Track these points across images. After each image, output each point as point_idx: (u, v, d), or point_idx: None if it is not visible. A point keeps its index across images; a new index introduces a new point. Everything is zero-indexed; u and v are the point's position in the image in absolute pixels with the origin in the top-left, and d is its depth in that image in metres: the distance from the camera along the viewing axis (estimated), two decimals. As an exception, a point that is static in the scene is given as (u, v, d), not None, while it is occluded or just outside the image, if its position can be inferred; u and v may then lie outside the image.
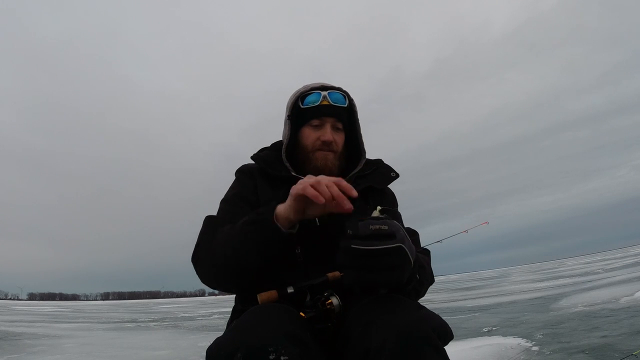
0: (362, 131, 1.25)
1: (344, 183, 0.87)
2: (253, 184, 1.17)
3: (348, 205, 0.84)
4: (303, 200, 0.88)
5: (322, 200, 0.84)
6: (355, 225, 0.80)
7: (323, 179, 0.87)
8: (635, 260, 23.61)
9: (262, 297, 0.93)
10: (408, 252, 0.82)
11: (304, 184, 0.87)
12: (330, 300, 0.91)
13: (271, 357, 0.70)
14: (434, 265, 1.14)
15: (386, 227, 0.80)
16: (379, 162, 1.27)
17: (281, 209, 0.93)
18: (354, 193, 0.86)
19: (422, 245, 1.19)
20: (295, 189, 0.88)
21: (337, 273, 0.98)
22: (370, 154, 1.27)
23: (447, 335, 0.81)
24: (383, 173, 1.23)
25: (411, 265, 0.84)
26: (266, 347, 0.71)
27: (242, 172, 1.23)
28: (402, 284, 0.87)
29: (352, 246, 0.79)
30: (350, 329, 0.84)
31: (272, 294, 0.93)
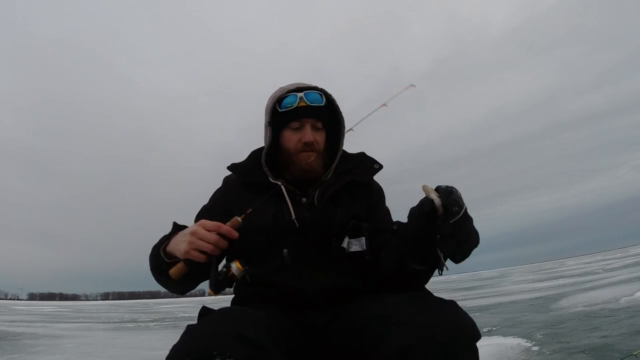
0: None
1: (223, 229, 0.97)
2: (232, 195, 1.21)
3: (225, 244, 0.98)
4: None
5: (204, 258, 0.97)
6: (452, 199, 0.87)
7: (198, 232, 0.97)
8: (635, 260, 23.59)
9: (172, 272, 1.01)
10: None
11: (187, 247, 0.98)
12: (231, 271, 0.98)
13: None
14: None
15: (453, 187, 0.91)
16: (361, 156, 1.27)
17: (172, 243, 1.05)
18: (234, 235, 0.98)
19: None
20: (180, 251, 1.00)
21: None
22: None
23: (477, 334, 0.82)
24: (366, 166, 1.23)
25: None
26: (211, 352, 0.72)
27: (223, 184, 1.27)
28: None
29: (452, 221, 0.84)
30: (383, 325, 0.83)
31: (179, 267, 1.00)
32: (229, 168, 1.24)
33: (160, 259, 1.07)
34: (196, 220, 1.22)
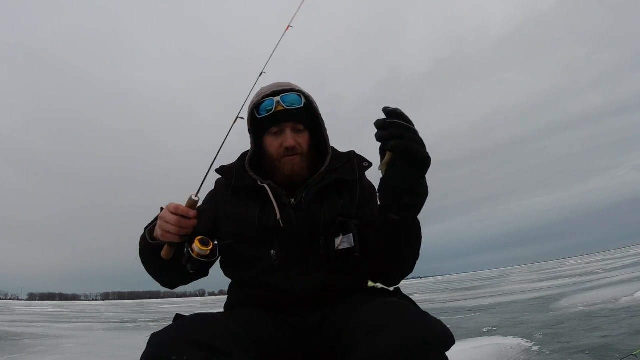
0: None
1: (180, 209, 0.98)
2: (221, 198, 1.22)
3: (189, 223, 0.99)
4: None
5: (176, 238, 0.98)
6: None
7: (164, 216, 0.99)
8: (635, 260, 23.58)
9: (162, 254, 1.03)
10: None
11: (159, 231, 1.01)
12: (194, 251, 0.99)
13: None
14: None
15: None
16: (350, 154, 1.26)
17: (156, 228, 1.05)
18: (191, 213, 0.99)
19: None
20: (158, 235, 1.03)
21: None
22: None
23: (449, 341, 0.82)
24: (354, 164, 1.22)
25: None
26: (169, 356, 0.75)
27: (215, 187, 1.27)
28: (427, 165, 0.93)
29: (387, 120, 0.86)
30: (354, 334, 0.84)
31: (165, 248, 1.03)
32: (217, 171, 1.23)
33: (146, 242, 1.09)
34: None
